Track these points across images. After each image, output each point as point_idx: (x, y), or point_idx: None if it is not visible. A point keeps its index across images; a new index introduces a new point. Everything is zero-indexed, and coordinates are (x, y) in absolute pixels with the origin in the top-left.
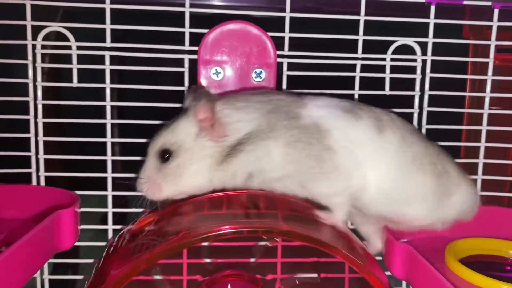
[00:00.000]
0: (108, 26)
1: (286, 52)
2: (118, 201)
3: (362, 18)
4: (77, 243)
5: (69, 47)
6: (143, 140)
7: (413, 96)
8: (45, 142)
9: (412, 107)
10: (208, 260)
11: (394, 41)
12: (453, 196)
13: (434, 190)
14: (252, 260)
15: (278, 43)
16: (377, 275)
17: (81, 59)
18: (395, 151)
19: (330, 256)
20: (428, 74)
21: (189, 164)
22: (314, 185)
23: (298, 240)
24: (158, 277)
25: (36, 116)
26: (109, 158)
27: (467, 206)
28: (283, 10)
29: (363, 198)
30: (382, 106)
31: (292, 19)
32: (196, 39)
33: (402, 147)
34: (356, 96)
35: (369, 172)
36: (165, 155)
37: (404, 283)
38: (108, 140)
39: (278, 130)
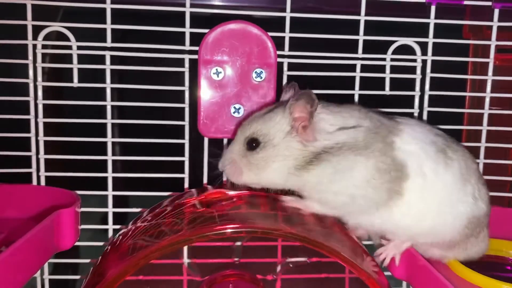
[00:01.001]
0: (108, 26)
1: (286, 52)
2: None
3: (362, 18)
4: (77, 243)
5: (70, 47)
6: (143, 140)
7: (413, 96)
8: (45, 142)
9: (412, 107)
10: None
11: (394, 41)
12: (470, 247)
13: (461, 240)
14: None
15: (278, 43)
16: (376, 278)
17: (82, 59)
18: (466, 206)
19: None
20: (428, 74)
21: (273, 161)
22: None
23: (298, 242)
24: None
25: (36, 116)
26: (109, 158)
27: (476, 256)
28: (283, 10)
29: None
30: (382, 106)
31: (292, 19)
32: (196, 39)
33: (473, 205)
34: (357, 96)
35: (424, 217)
36: (253, 143)
37: (404, 283)
38: (109, 140)
39: (372, 151)
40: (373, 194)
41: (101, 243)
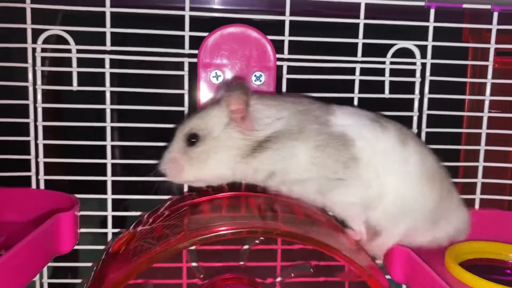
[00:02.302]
0: (108, 30)
1: (285, 55)
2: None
3: (361, 21)
4: (76, 247)
5: (69, 51)
6: (143, 143)
7: (412, 99)
8: (44, 145)
9: (412, 110)
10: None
11: (393, 45)
12: (452, 215)
13: (438, 207)
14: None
15: (277, 47)
16: (377, 278)
17: (81, 62)
18: (415, 164)
19: (330, 260)
20: (428, 77)
21: (215, 152)
22: (334, 192)
23: (298, 242)
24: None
25: (36, 120)
26: (108, 161)
27: (463, 226)
28: (283, 13)
29: (377, 209)
30: (381, 109)
31: (291, 22)
32: (196, 43)
33: (421, 160)
34: (356, 99)
35: (388, 182)
36: (192, 139)
37: (404, 286)
38: (108, 143)
39: (307, 133)
40: (327, 171)
41: (100, 247)
